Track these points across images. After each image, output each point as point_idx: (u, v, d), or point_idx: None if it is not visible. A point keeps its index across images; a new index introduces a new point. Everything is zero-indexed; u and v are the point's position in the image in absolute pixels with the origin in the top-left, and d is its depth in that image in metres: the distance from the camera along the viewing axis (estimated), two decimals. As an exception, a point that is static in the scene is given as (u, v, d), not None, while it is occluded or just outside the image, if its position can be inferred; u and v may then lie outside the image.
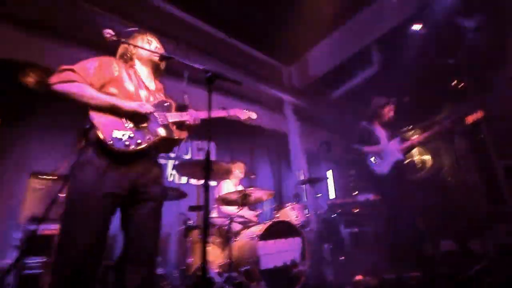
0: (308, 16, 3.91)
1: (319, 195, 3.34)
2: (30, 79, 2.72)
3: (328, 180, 5.65)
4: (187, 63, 1.42)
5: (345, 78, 5.04)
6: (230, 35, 4.19)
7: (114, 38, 1.41)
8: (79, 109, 1.28)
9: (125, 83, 1.42)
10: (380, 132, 3.05)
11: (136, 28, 1.62)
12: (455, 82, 4.80)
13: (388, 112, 3.06)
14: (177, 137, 1.48)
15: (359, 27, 4.15)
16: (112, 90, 1.36)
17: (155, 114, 1.43)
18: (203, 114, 1.55)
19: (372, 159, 2.87)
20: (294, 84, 5.16)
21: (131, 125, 1.33)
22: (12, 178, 2.41)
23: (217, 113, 1.69)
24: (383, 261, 2.80)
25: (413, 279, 2.39)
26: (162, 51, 1.61)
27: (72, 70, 1.29)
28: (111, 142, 1.22)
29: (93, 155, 1.24)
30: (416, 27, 3.86)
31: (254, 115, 1.93)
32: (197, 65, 1.39)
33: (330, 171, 5.90)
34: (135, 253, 1.29)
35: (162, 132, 1.42)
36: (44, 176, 2.03)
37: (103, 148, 1.23)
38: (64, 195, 1.23)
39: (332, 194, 5.52)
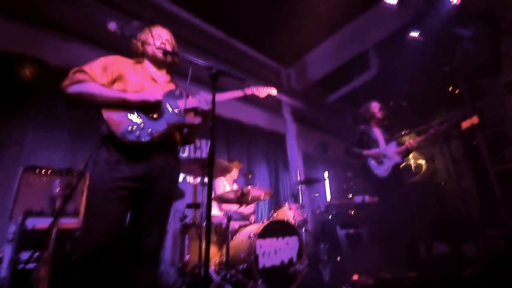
0: (308, 19, 3.94)
1: (317, 195, 3.36)
2: (26, 72, 2.67)
3: (324, 181, 5.68)
4: (192, 59, 1.38)
5: (343, 81, 5.10)
6: (230, 34, 4.20)
7: (118, 32, 1.39)
8: (74, 104, 1.27)
9: (132, 79, 1.40)
10: (378, 135, 3.09)
11: (141, 22, 1.60)
12: (451, 88, 4.91)
13: (379, 111, 3.12)
14: (189, 123, 1.44)
15: (358, 32, 4.21)
16: (120, 86, 1.36)
17: (166, 103, 1.40)
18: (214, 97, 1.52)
19: (373, 162, 2.90)
20: (293, 86, 5.20)
21: (142, 116, 1.30)
22: (6, 172, 2.35)
23: (232, 94, 1.61)
24: (379, 262, 2.83)
25: (409, 280, 2.42)
26: (171, 44, 1.57)
27: (82, 71, 1.30)
28: (122, 135, 1.21)
29: (106, 150, 1.25)
30: (414, 33, 3.94)
31: (274, 91, 1.80)
32: (202, 62, 1.36)
33: (327, 172, 5.94)
34: (141, 246, 1.28)
35: (173, 120, 1.37)
36: (39, 170, 1.99)
37: (116, 142, 1.23)
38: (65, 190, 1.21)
39: (328, 195, 5.55)
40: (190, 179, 3.92)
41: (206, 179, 2.28)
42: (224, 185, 3.24)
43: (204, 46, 3.91)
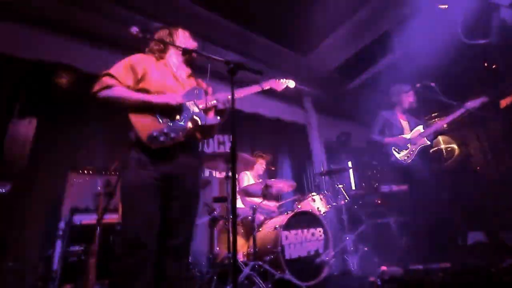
0: (323, 4, 3.80)
1: (341, 186, 3.32)
2: (62, 80, 2.89)
3: (349, 170, 5.57)
4: (210, 56, 1.44)
5: (365, 67, 4.89)
6: (246, 28, 4.18)
7: (140, 35, 1.45)
8: (112, 107, 1.37)
9: (155, 76, 1.47)
10: (403, 121, 2.96)
11: (161, 24, 1.66)
12: (487, 63, 4.50)
13: (407, 98, 2.97)
14: (209, 124, 1.51)
15: (378, 12, 3.97)
16: (145, 85, 1.44)
17: (187, 103, 1.47)
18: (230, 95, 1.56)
19: (395, 149, 2.80)
20: (313, 75, 5.08)
21: (165, 119, 1.39)
22: (54, 173, 2.61)
23: (249, 90, 1.65)
24: (409, 252, 2.76)
25: (442, 271, 2.34)
26: (190, 43, 1.63)
27: (109, 75, 1.39)
28: (148, 140, 1.31)
29: (136, 153, 1.36)
30: (443, 5, 3.64)
31: (292, 83, 1.81)
32: (219, 57, 1.41)
33: (350, 162, 5.81)
34: (172, 241, 1.38)
35: (194, 120, 1.45)
36: (82, 170, 2.19)
37: (143, 146, 1.33)
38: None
39: (353, 185, 5.45)
40: (216, 173, 4.05)
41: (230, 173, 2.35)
42: (248, 178, 3.30)
43: (222, 41, 3.94)
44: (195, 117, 1.46)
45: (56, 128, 2.85)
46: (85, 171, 2.19)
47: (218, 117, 1.57)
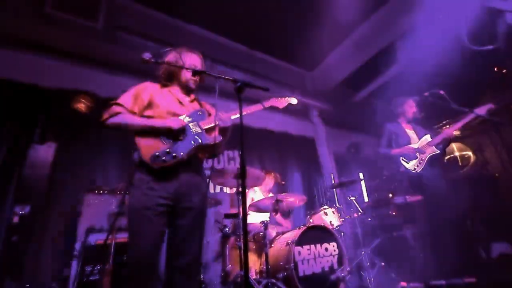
0: (326, 19, 3.91)
1: (353, 198, 3.26)
2: (82, 105, 3.06)
3: (360, 182, 5.47)
4: (218, 76, 1.51)
5: (371, 78, 4.92)
6: (253, 47, 4.34)
7: (153, 61, 1.54)
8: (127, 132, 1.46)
9: (160, 102, 1.57)
10: (408, 130, 2.94)
11: (169, 48, 1.75)
12: (496, 68, 4.45)
13: (410, 109, 2.97)
14: (211, 143, 1.55)
15: (380, 24, 4.05)
16: (151, 111, 1.54)
17: (190, 125, 1.54)
18: (232, 114, 1.61)
19: (404, 159, 2.76)
20: (318, 88, 5.15)
21: (168, 140, 1.46)
22: (71, 195, 2.71)
23: (251, 109, 1.69)
24: (428, 267, 2.63)
25: (466, 286, 2.22)
26: (200, 64, 1.71)
27: (117, 104, 1.50)
28: (151, 161, 1.38)
29: (140, 174, 1.42)
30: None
31: (294, 100, 1.82)
32: (227, 77, 1.48)
33: (361, 173, 5.71)
34: (181, 259, 1.39)
35: (197, 141, 1.51)
36: (98, 191, 2.27)
37: (147, 166, 1.40)
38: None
39: (365, 197, 5.33)
40: (226, 189, 4.06)
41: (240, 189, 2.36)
42: (259, 195, 3.29)
43: (229, 61, 4.09)
44: (196, 137, 1.52)
45: (75, 151, 2.99)
46: (101, 191, 2.26)
47: (219, 136, 1.61)
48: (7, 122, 2.81)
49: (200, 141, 1.52)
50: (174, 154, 1.42)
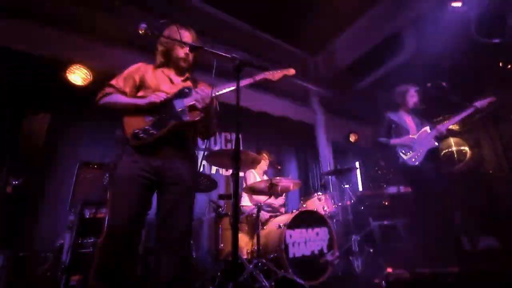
0: (333, 2, 3.77)
1: (347, 186, 3.28)
2: (75, 77, 2.98)
3: (356, 171, 5.51)
4: (215, 52, 1.45)
5: (375, 66, 4.81)
6: (255, 26, 4.19)
7: (148, 33, 1.47)
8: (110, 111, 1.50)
9: (151, 82, 1.58)
10: (409, 121, 2.91)
11: (166, 20, 1.68)
12: (502, 63, 4.36)
13: (411, 98, 2.92)
14: (190, 120, 1.51)
15: (390, 10, 3.91)
16: (141, 93, 1.55)
17: (174, 101, 1.51)
18: (214, 90, 1.53)
19: (402, 151, 2.75)
20: (321, 74, 5.04)
21: (150, 118, 1.47)
22: (63, 167, 2.71)
23: (242, 83, 1.54)
24: (416, 255, 2.70)
25: (450, 275, 2.29)
26: (194, 40, 1.64)
27: (110, 85, 1.55)
28: (131, 138, 1.42)
29: (125, 149, 1.47)
30: (456, 3, 3.53)
31: (291, 71, 1.70)
32: (225, 54, 1.42)
33: (358, 162, 5.74)
34: (166, 234, 1.40)
35: (177, 119, 1.49)
36: (92, 166, 2.26)
37: (130, 142, 1.43)
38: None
39: (360, 186, 5.39)
40: (222, 171, 4.07)
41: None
42: (255, 176, 3.31)
43: (230, 40, 3.96)
44: (178, 115, 1.50)
45: (69, 123, 2.94)
46: (95, 166, 2.26)
47: (197, 113, 1.55)
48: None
49: (180, 118, 1.50)
50: (152, 132, 1.44)
